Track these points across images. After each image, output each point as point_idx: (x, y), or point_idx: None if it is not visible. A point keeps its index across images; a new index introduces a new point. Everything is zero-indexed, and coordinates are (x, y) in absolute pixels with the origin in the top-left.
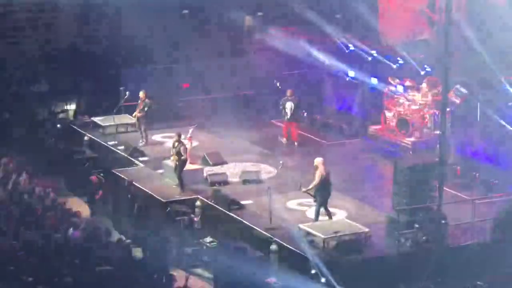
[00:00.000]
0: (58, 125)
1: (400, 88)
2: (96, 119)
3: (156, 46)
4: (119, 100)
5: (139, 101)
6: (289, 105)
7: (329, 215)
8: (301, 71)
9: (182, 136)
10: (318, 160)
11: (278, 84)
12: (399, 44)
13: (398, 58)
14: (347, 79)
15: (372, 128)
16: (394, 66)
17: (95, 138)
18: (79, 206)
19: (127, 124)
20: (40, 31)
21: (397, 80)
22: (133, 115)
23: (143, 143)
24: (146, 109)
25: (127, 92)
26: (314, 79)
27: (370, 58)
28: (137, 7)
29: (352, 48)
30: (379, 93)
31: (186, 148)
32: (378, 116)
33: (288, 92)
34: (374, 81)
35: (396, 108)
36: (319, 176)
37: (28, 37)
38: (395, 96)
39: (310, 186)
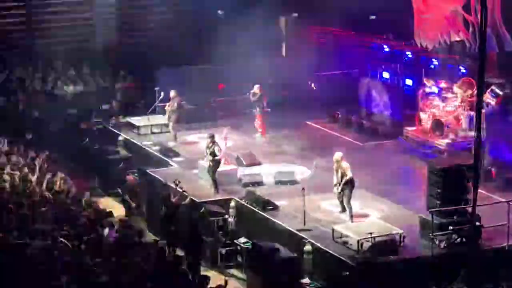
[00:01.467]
0: (93, 125)
1: (435, 90)
2: (131, 119)
3: (192, 46)
4: (154, 100)
5: (170, 101)
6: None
7: (344, 209)
8: (336, 72)
9: (217, 137)
10: (339, 155)
11: (313, 85)
12: (434, 45)
13: (433, 59)
14: (382, 80)
15: (407, 130)
16: (429, 68)
17: (130, 138)
18: (113, 206)
19: (161, 124)
20: (77, 30)
21: (432, 82)
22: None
23: (175, 141)
24: (175, 105)
25: (162, 93)
26: (349, 80)
27: (405, 60)
28: (175, 7)
29: (387, 49)
30: (414, 94)
31: (220, 149)
32: (412, 118)
33: (256, 88)
34: (409, 82)
35: (431, 110)
36: (349, 169)
37: (65, 36)
38: (430, 97)
39: (344, 181)
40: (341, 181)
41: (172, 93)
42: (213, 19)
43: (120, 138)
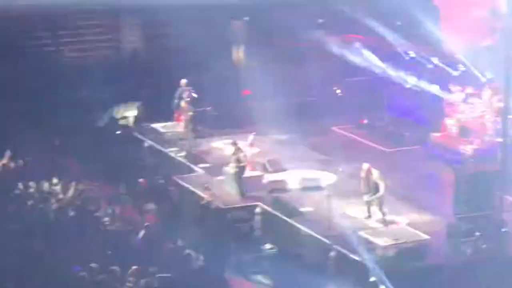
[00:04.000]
0: (119, 132)
1: (461, 95)
2: (156, 126)
3: (216, 52)
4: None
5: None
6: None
7: (370, 215)
8: (361, 78)
9: (242, 143)
10: (367, 166)
11: (338, 91)
12: (461, 51)
13: (459, 65)
14: (408, 86)
15: (433, 136)
16: (455, 73)
17: (156, 145)
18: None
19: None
20: (102, 36)
21: (458, 87)
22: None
23: (194, 148)
24: (190, 115)
25: (187, 99)
26: (374, 86)
27: (430, 65)
28: (199, 13)
29: (412, 55)
30: (440, 100)
31: (246, 155)
32: (439, 123)
33: (183, 82)
34: (435, 88)
35: (457, 115)
36: (382, 181)
37: (91, 42)
38: (456, 103)
39: (378, 195)
40: (374, 190)
41: (184, 104)
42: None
43: (145, 144)
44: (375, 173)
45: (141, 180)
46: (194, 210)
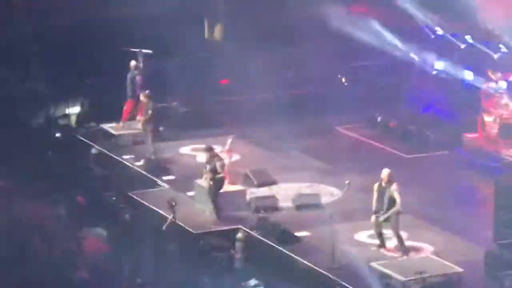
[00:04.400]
0: (58, 134)
1: (502, 84)
2: (107, 127)
3: (183, 28)
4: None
5: (139, 104)
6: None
7: (383, 243)
8: (373, 62)
9: (218, 149)
10: (387, 173)
11: (343, 80)
12: (502, 27)
13: (500, 45)
14: (434, 73)
15: (467, 137)
16: (495, 56)
17: (106, 151)
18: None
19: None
20: (34, 15)
21: (499, 74)
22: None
23: (153, 157)
24: (149, 113)
25: (146, 91)
26: (391, 73)
27: (463, 46)
28: None
29: (440, 32)
30: (476, 91)
31: (224, 164)
32: (474, 121)
33: (133, 65)
34: (468, 75)
35: (498, 111)
36: (398, 192)
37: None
38: (497, 95)
39: (394, 209)
40: (388, 206)
41: (143, 97)
42: None
43: (93, 151)
44: (393, 187)
45: (79, 198)
46: (155, 236)
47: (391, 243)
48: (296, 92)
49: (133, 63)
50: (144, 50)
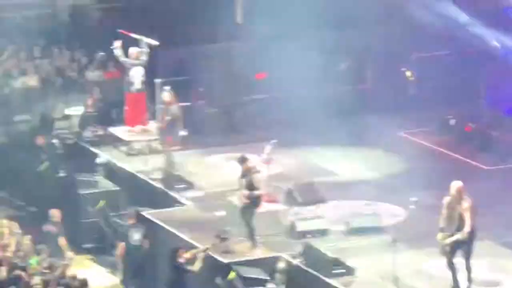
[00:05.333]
0: (55, 140)
1: None
2: (116, 131)
3: (209, 11)
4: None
5: (162, 106)
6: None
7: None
8: (443, 52)
9: (255, 159)
10: (458, 186)
11: (408, 74)
12: None
13: None
14: None
15: None
16: None
17: (115, 161)
18: (89, 268)
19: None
20: None
21: None
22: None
23: (173, 169)
24: (171, 115)
25: (166, 87)
26: (468, 65)
27: None
28: None
29: None
30: None
31: (262, 178)
32: None
33: (134, 53)
34: None
35: None
36: (470, 211)
37: None
38: None
39: (464, 232)
40: (457, 228)
41: (166, 96)
42: None
43: (99, 159)
44: (465, 205)
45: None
46: (175, 266)
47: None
48: (349, 88)
49: (135, 49)
50: (147, 40)
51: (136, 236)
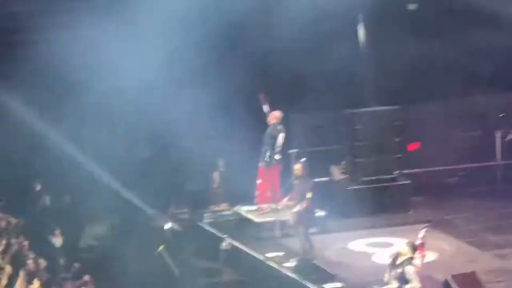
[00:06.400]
0: (167, 225)
1: None
2: (243, 210)
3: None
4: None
5: (295, 182)
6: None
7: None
8: None
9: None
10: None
11: None
12: None
13: None
14: None
15: None
16: None
17: (242, 246)
18: None
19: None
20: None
21: None
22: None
23: (309, 256)
24: (307, 197)
25: (302, 159)
26: None
27: None
28: None
29: None
30: None
31: (417, 268)
32: None
33: (273, 117)
34: None
35: None
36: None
37: None
38: None
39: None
40: None
41: (297, 167)
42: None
43: (223, 245)
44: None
45: None
46: None
47: None
48: None
49: (277, 114)
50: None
51: None
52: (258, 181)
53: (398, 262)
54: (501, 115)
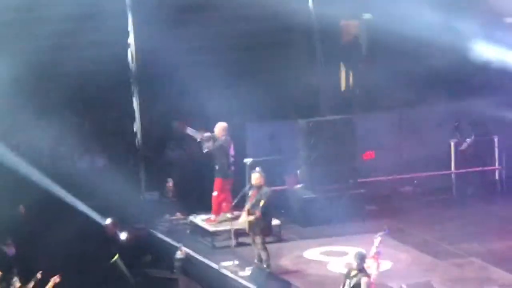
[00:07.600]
0: (123, 235)
1: None
2: (198, 220)
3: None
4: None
5: (250, 192)
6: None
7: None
8: None
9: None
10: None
11: None
12: None
13: None
14: None
15: None
16: None
17: (197, 256)
18: None
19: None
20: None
21: None
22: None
23: (265, 265)
24: (261, 205)
25: (257, 168)
26: None
27: None
28: None
29: None
30: None
31: (369, 280)
32: None
33: (221, 129)
34: None
35: None
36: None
37: None
38: None
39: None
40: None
41: (255, 177)
42: None
43: (179, 254)
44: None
45: None
46: None
47: None
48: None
49: (223, 125)
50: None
51: None
52: (214, 193)
53: (352, 274)
54: (455, 124)
